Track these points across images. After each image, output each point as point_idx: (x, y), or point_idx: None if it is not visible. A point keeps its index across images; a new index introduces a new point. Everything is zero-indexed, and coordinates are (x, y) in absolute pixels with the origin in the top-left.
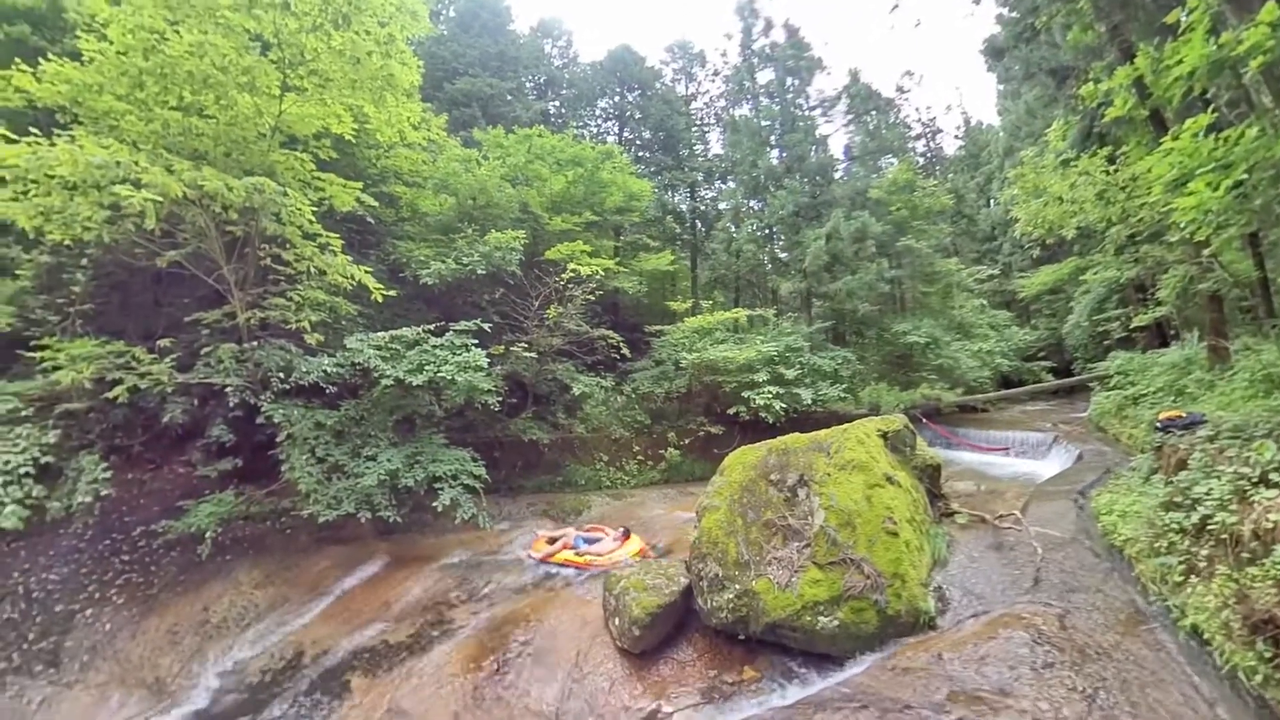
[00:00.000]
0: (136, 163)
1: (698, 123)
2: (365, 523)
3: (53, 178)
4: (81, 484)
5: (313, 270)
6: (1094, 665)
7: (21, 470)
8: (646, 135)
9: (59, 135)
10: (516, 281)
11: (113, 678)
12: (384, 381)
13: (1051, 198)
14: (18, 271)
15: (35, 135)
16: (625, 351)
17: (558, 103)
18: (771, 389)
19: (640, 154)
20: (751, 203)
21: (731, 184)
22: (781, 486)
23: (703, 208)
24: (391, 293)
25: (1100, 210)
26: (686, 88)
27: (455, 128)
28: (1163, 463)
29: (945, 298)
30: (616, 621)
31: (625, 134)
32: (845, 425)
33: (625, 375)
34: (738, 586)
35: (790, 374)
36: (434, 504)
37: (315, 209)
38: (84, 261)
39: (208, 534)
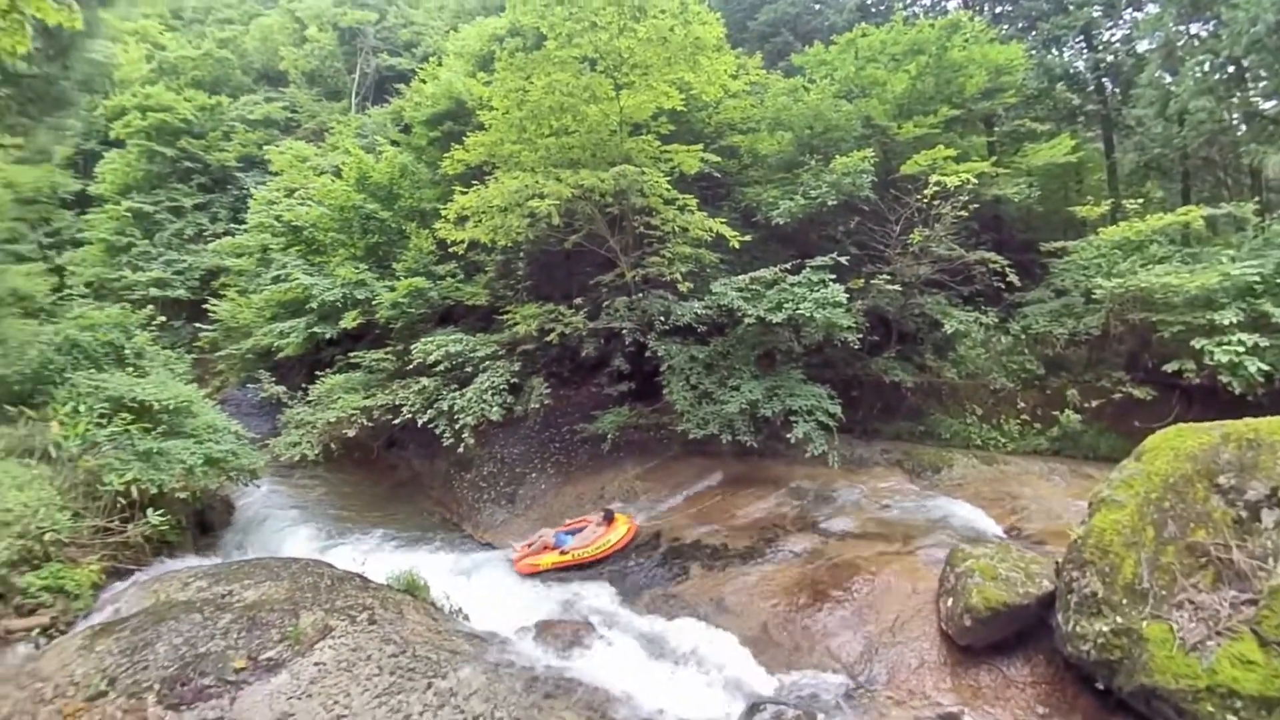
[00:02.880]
0: (537, 182)
1: None
2: (725, 443)
3: (492, 207)
4: (533, 396)
5: (676, 229)
6: None
7: (501, 386)
8: None
9: (488, 179)
10: (871, 207)
11: (541, 518)
12: (746, 320)
13: None
14: (485, 269)
15: (476, 184)
16: (1012, 279)
17: None
18: (1244, 338)
19: (998, 9)
20: (1193, 28)
21: (1152, 7)
22: (1233, 498)
23: (1110, 58)
24: (746, 238)
25: None
26: None
27: (771, 61)
28: None
29: None
30: (949, 602)
31: None
32: None
33: (1012, 309)
34: (1119, 620)
35: None
36: (788, 435)
37: (668, 178)
38: (521, 255)
39: (608, 435)
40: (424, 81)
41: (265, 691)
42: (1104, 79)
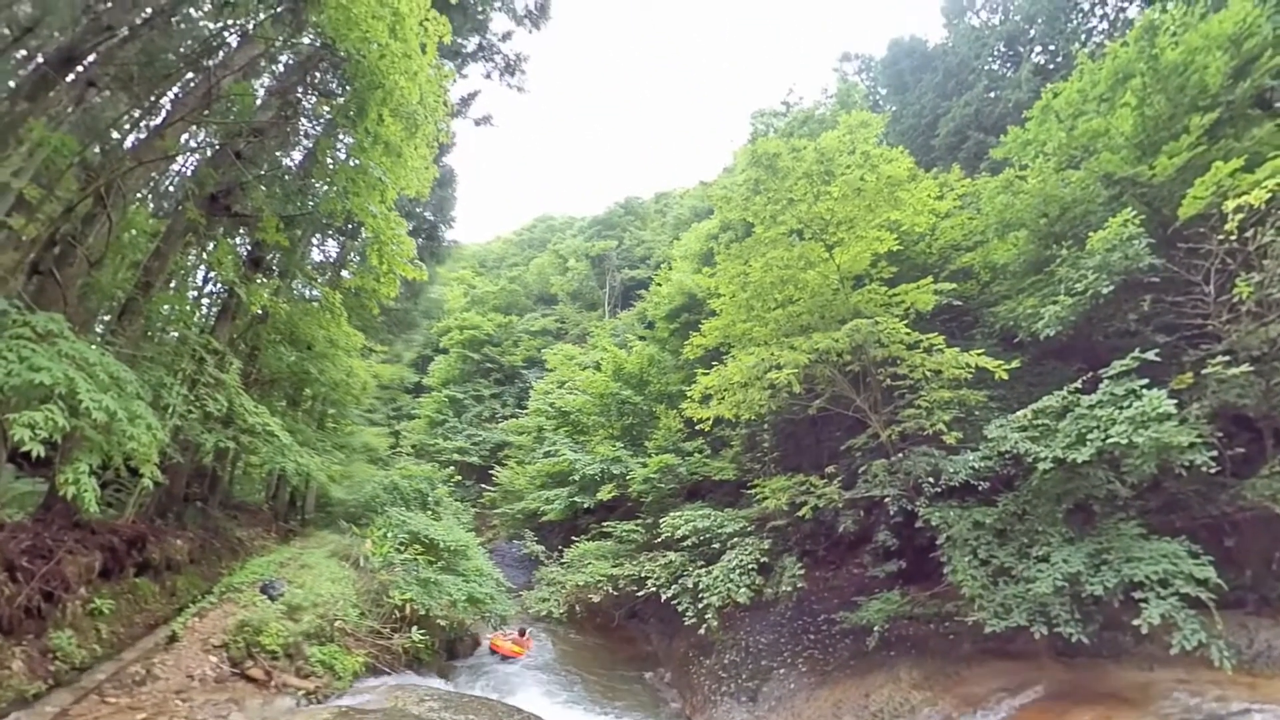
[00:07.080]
0: (772, 354)
1: None
2: (1039, 639)
3: (733, 384)
4: (784, 577)
5: (927, 374)
6: None
7: (749, 566)
8: None
9: (726, 358)
10: (1161, 275)
11: None
12: (1040, 466)
13: None
14: (731, 444)
15: (715, 364)
16: None
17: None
18: None
19: None
20: None
21: None
22: None
23: None
24: (1013, 364)
25: None
26: None
27: (970, 167)
28: None
29: None
30: None
31: None
32: None
33: None
34: None
35: None
36: (1134, 621)
37: (904, 321)
38: (765, 426)
39: (875, 628)
40: (659, 284)
41: None
42: None
